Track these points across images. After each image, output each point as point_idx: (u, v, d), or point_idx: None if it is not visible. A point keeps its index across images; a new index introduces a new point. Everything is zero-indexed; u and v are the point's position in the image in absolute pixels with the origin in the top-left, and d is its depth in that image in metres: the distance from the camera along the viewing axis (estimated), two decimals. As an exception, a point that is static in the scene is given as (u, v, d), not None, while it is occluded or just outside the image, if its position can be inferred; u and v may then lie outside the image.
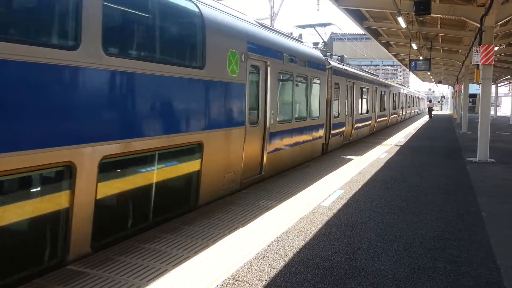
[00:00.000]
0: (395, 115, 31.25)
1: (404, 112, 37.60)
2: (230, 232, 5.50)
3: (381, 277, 4.08)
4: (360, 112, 18.43)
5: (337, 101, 14.85)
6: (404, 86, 48.20)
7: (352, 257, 4.59)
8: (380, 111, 24.05)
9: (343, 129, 15.68)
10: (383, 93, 24.81)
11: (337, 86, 14.64)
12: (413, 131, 23.36)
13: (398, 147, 15.16)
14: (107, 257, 4.62)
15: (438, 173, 9.87)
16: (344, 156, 12.97)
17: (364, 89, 19.13)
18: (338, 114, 14.92)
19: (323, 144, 13.44)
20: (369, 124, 20.96)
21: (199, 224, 5.87)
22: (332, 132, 14.22)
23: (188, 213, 6.35)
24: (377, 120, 22.97)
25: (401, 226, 5.72)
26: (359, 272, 4.20)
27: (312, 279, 4.02)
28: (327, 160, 12.27)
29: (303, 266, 4.34)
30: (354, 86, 17.08)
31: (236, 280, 3.99)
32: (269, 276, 4.09)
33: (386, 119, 26.48)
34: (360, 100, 18.41)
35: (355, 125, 17.60)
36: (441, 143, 16.94)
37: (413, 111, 47.92)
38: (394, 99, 30.17)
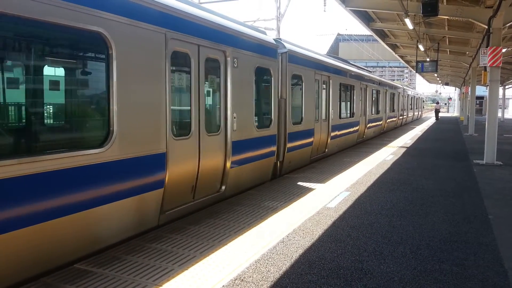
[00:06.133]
0: None
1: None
2: (235, 233, 5.51)
3: (387, 279, 4.07)
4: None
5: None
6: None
7: (358, 259, 4.58)
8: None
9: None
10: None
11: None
12: (420, 133, 23.26)
13: (404, 149, 15.11)
14: (114, 256, 4.65)
15: (445, 175, 9.83)
16: (348, 159, 12.95)
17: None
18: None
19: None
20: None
21: (205, 224, 5.89)
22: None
23: (194, 213, 6.41)
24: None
25: (407, 228, 5.70)
26: (365, 274, 4.20)
27: (318, 281, 4.02)
28: (333, 161, 12.26)
29: (308, 267, 4.34)
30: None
31: (242, 280, 3.99)
32: (275, 277, 4.09)
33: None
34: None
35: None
36: (448, 145, 16.85)
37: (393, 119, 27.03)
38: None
